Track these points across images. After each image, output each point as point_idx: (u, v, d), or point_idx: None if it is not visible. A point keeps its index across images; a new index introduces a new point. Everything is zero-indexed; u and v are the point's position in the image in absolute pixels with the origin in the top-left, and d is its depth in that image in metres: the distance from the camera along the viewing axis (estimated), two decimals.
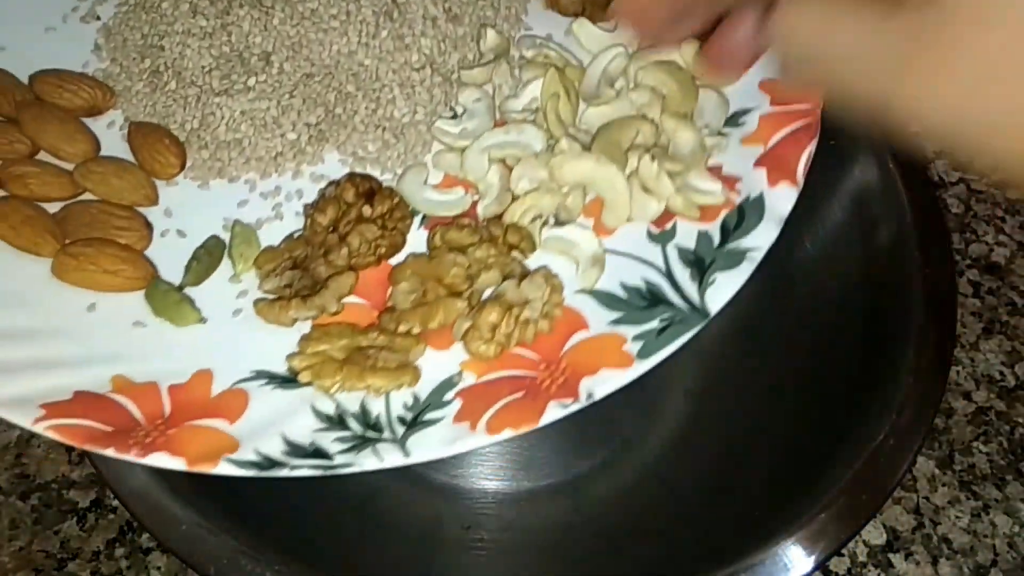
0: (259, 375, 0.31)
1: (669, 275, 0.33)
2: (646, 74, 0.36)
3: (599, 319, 0.32)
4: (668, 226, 0.34)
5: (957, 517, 0.41)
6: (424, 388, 0.31)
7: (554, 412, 0.29)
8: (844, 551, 0.40)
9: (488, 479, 0.42)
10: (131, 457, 0.27)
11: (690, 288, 0.32)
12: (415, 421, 0.30)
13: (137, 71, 0.37)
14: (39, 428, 0.28)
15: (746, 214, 0.33)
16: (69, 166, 0.34)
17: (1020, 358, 0.46)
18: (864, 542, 0.40)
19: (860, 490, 0.34)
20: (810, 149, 0.34)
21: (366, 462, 0.28)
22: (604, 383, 0.30)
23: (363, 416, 0.30)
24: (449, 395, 0.30)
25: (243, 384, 0.30)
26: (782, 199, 0.33)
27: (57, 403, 0.28)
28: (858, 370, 0.38)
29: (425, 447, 0.29)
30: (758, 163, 0.34)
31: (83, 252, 0.31)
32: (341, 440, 0.29)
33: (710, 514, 0.39)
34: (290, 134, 0.35)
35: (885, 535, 0.41)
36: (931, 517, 0.41)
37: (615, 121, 0.35)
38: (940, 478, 0.42)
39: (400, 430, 0.29)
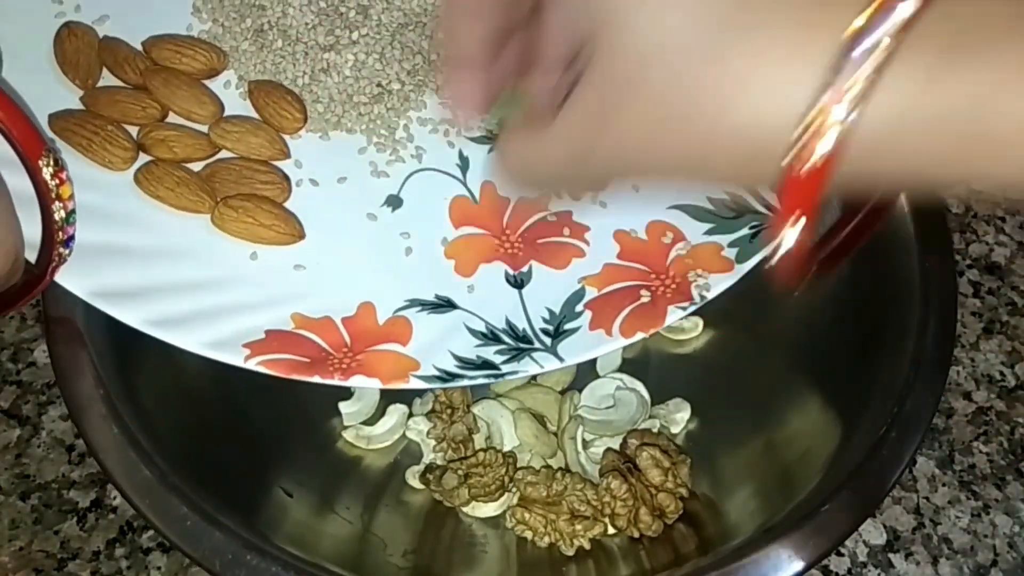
0: (413, 303, 0.35)
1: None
2: None
3: (694, 231, 0.37)
4: None
5: (957, 517, 0.42)
6: (555, 302, 0.36)
7: (675, 314, 0.34)
8: (844, 551, 0.40)
9: None
10: (335, 380, 0.32)
11: (771, 196, 0.37)
12: (557, 332, 0.35)
13: (240, 30, 0.39)
14: (250, 365, 0.32)
15: None
16: (200, 127, 0.37)
17: (1020, 358, 0.46)
18: (864, 542, 0.41)
19: (860, 486, 0.34)
20: None
21: (529, 368, 0.33)
22: (713, 286, 0.35)
23: (512, 331, 0.35)
24: (579, 307, 0.35)
25: (402, 312, 0.35)
26: None
27: (255, 342, 0.32)
28: (858, 368, 0.39)
29: (574, 352, 0.34)
30: None
31: (242, 205, 0.35)
32: (501, 352, 0.34)
33: (709, 512, 0.40)
34: (395, 83, 0.39)
35: (885, 535, 0.41)
36: (931, 517, 0.41)
37: None
38: (940, 478, 0.43)
39: (547, 340, 0.34)
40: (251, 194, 0.36)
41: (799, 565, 0.33)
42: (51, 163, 0.30)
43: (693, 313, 0.35)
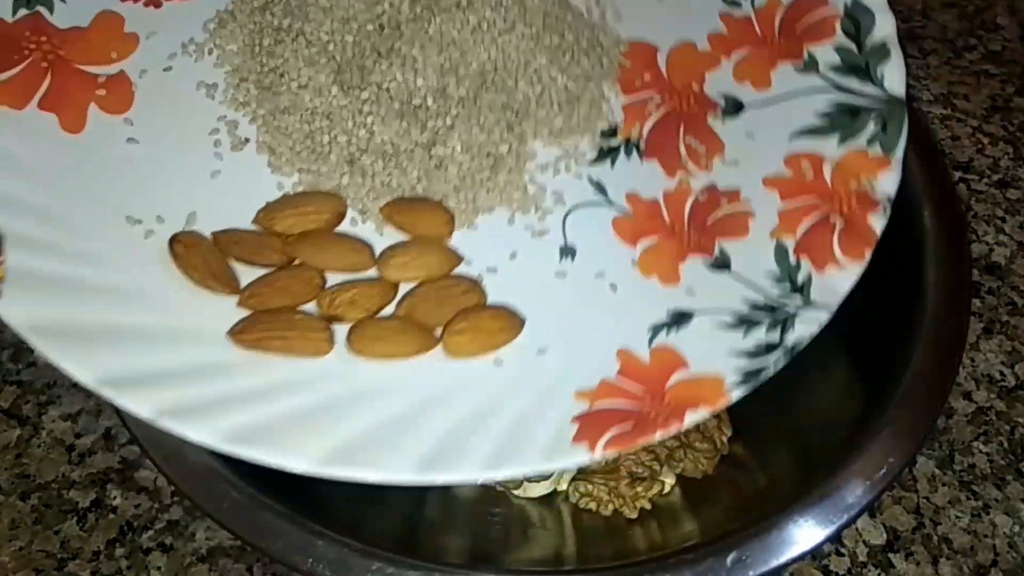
0: (656, 329, 0.35)
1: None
2: None
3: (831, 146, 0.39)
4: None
5: (957, 517, 0.41)
6: (765, 265, 0.36)
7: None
8: (844, 551, 0.40)
9: None
10: (672, 430, 0.32)
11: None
12: (796, 287, 0.35)
13: (329, 169, 0.37)
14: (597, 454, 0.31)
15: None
16: (369, 274, 0.35)
17: (1020, 358, 0.46)
18: (864, 542, 0.41)
19: (860, 485, 0.34)
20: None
21: (812, 328, 0.34)
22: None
23: (757, 307, 0.35)
24: (791, 257, 0.36)
25: (656, 342, 0.35)
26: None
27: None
28: (858, 368, 0.40)
29: (827, 293, 0.35)
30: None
31: (464, 325, 0.34)
32: (769, 328, 0.34)
33: (715, 508, 0.40)
34: (502, 146, 0.38)
35: (885, 535, 0.41)
36: (931, 517, 0.41)
37: None
38: (940, 478, 0.42)
39: (799, 298, 0.35)
40: (460, 310, 0.34)
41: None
42: None
43: None
